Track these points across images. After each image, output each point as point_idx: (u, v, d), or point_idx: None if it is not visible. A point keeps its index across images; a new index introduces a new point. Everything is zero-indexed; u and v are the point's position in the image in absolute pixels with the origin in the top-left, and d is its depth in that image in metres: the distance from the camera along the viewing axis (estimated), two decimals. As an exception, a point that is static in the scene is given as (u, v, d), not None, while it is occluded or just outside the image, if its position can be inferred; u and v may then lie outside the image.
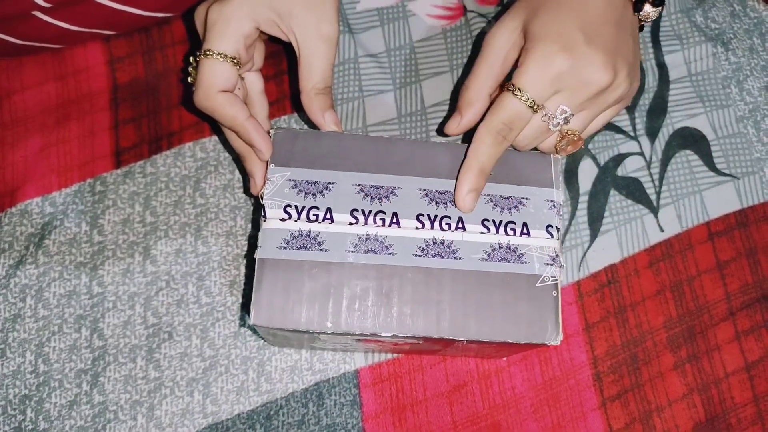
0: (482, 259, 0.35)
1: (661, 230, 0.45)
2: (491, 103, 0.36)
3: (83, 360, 0.41)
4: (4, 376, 0.40)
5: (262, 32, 0.38)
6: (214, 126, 0.45)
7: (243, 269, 0.43)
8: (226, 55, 0.36)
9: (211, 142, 0.45)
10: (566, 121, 0.36)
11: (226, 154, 0.45)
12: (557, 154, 0.38)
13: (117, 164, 0.45)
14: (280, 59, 0.48)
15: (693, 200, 0.45)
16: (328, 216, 0.35)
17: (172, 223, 0.44)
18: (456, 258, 0.35)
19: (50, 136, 0.45)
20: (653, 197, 0.45)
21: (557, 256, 0.36)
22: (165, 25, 0.48)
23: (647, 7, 0.38)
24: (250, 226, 0.44)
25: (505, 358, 0.42)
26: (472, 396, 0.41)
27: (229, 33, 0.36)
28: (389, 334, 0.34)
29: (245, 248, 0.43)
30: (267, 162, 0.36)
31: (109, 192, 0.44)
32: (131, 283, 0.42)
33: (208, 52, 0.35)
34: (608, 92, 0.36)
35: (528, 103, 0.35)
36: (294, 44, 0.38)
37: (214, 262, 0.43)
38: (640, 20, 0.39)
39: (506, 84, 0.35)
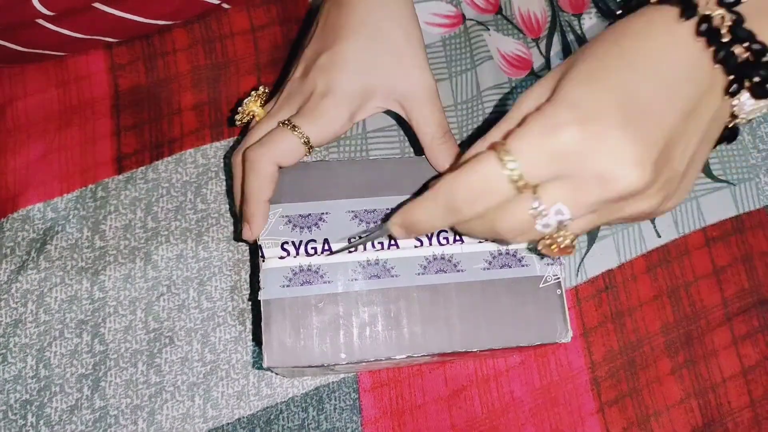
0: (484, 269, 0.35)
1: (658, 236, 0.45)
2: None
3: (84, 365, 0.41)
4: (5, 381, 0.41)
5: None
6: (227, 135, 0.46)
7: (244, 274, 0.43)
8: (308, 141, 0.36)
9: (212, 148, 0.46)
10: (561, 226, 0.28)
11: (227, 161, 0.46)
12: (536, 252, 0.31)
13: (118, 170, 0.45)
14: (278, 66, 0.48)
15: (690, 206, 0.46)
16: (326, 247, 0.35)
17: (174, 228, 0.44)
18: (458, 271, 0.35)
19: (52, 143, 0.46)
20: (650, 203, 0.46)
21: None
22: (167, 33, 0.48)
23: (744, 97, 0.27)
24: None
25: (504, 361, 0.42)
26: (470, 400, 0.41)
27: (321, 123, 0.36)
28: (404, 356, 0.34)
29: (246, 253, 0.44)
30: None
31: (111, 198, 0.44)
32: (132, 288, 0.43)
33: (296, 129, 0.36)
34: (631, 202, 0.27)
35: (513, 175, 0.26)
36: (398, 110, 0.38)
37: (215, 267, 0.43)
38: (732, 116, 0.29)
39: (496, 142, 0.27)
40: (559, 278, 0.35)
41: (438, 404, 0.41)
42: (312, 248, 0.35)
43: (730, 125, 0.30)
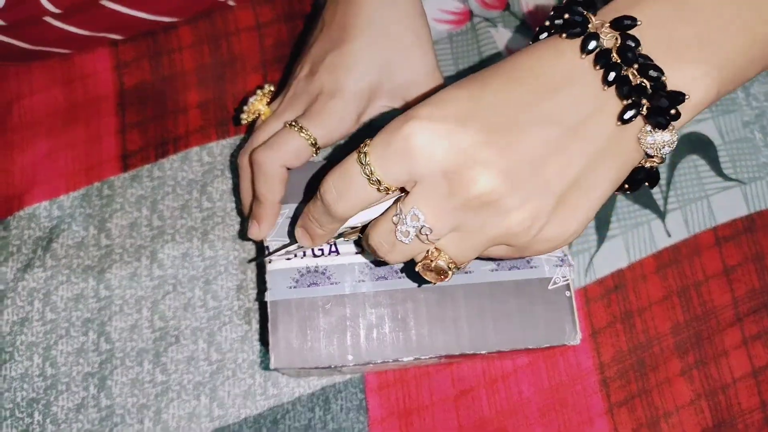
0: (492, 270, 0.35)
1: (669, 235, 0.45)
2: None
3: (90, 363, 0.41)
4: (12, 379, 0.40)
5: None
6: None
7: (250, 273, 0.43)
8: (315, 142, 0.35)
9: (218, 146, 0.45)
10: (421, 234, 0.26)
11: (233, 159, 0.45)
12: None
13: (124, 168, 0.45)
14: (284, 63, 0.48)
15: (700, 205, 0.45)
16: (333, 248, 0.35)
17: (179, 226, 0.44)
18: (466, 272, 0.35)
19: (58, 140, 0.46)
20: (660, 202, 0.45)
21: (565, 255, 0.35)
22: (172, 30, 0.48)
23: (648, 128, 0.25)
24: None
25: (512, 362, 0.42)
26: (478, 401, 0.41)
27: (329, 124, 0.35)
28: (411, 358, 0.34)
29: (252, 252, 0.43)
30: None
31: (117, 196, 0.44)
32: (138, 287, 0.42)
33: (303, 130, 0.35)
34: (491, 213, 0.25)
35: (365, 170, 0.26)
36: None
37: (221, 266, 0.43)
38: (646, 155, 0.27)
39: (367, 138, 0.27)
40: (568, 280, 0.35)
41: (445, 404, 0.41)
42: (319, 249, 0.35)
43: (645, 164, 0.28)
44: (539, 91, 0.26)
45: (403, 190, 0.27)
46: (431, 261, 0.27)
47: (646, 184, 0.29)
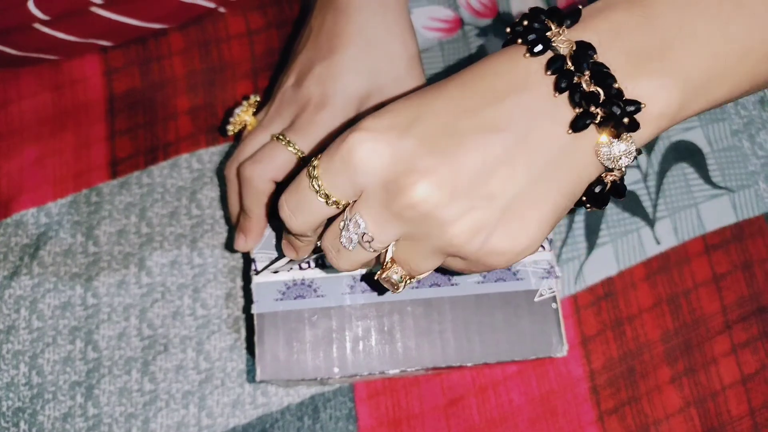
0: (478, 282, 0.35)
1: (658, 243, 0.45)
2: None
3: (77, 372, 0.41)
4: (-3, 388, 0.40)
5: None
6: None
7: (239, 281, 0.43)
8: (303, 156, 0.35)
9: (207, 153, 0.45)
10: (363, 241, 0.26)
11: (222, 166, 0.45)
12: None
13: (113, 175, 0.45)
14: (273, 68, 0.48)
15: (689, 213, 0.46)
16: (320, 261, 0.35)
17: (168, 234, 0.43)
18: (452, 284, 0.35)
19: (46, 146, 0.45)
20: (650, 210, 0.46)
21: (552, 267, 0.36)
22: (162, 36, 0.48)
23: (603, 139, 0.24)
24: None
25: (502, 370, 0.42)
26: (468, 410, 0.41)
27: (317, 137, 0.35)
28: (397, 370, 0.34)
29: (241, 260, 0.43)
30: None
31: (105, 203, 0.44)
32: (126, 295, 0.42)
33: (290, 144, 0.35)
34: (429, 222, 0.25)
35: (315, 185, 0.26)
36: None
37: (210, 273, 0.43)
38: (607, 170, 0.26)
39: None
40: (554, 292, 0.35)
41: (435, 413, 0.41)
42: (306, 262, 0.35)
43: (606, 179, 0.26)
44: (484, 98, 0.25)
45: None
46: (384, 272, 0.27)
47: (612, 197, 0.28)
